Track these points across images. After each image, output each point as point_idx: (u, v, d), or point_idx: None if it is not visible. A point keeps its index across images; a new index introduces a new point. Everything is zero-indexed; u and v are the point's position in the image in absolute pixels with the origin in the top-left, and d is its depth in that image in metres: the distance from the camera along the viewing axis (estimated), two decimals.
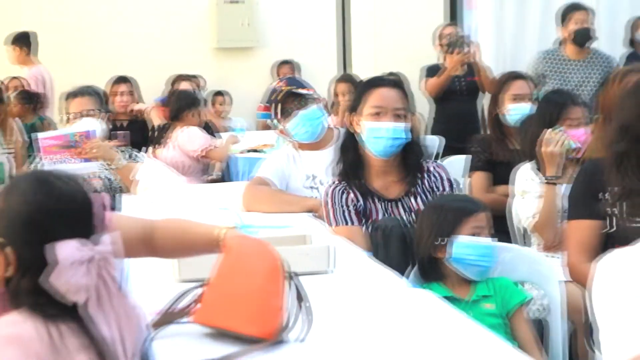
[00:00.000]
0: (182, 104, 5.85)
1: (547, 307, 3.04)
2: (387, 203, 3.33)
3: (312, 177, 3.83)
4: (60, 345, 1.42)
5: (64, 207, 1.48)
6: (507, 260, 2.99)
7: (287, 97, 3.86)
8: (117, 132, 5.39)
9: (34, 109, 7.28)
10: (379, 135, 3.29)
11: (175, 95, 6.27)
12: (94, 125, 4.23)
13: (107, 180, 4.29)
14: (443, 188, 3.37)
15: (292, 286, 1.94)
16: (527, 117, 4.39)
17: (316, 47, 9.32)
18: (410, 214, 3.30)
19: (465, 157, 4.80)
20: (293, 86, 3.90)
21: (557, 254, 3.63)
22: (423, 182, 3.36)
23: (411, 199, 3.34)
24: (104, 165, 4.19)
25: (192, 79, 7.90)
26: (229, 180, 6.04)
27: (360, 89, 3.48)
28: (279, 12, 9.37)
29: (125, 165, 4.13)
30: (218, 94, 8.81)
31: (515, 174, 3.85)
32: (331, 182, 3.40)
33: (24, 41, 8.29)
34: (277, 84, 4.01)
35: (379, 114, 3.30)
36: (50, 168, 3.92)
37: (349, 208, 3.29)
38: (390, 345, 1.94)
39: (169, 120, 5.94)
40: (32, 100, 7.32)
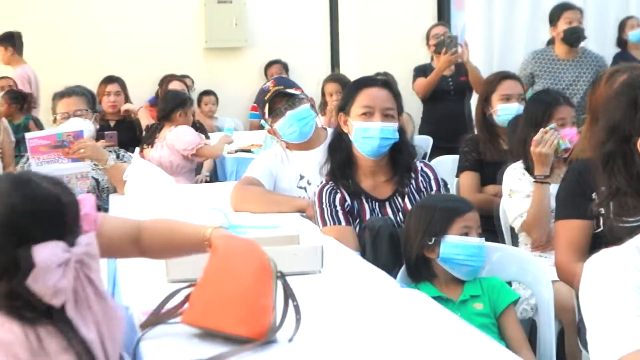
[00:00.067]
0: (171, 104, 5.83)
1: (536, 307, 3.04)
2: (376, 203, 3.33)
3: (302, 177, 3.82)
4: (39, 349, 1.40)
5: (38, 208, 1.46)
6: (496, 260, 3.00)
7: (276, 97, 3.84)
8: (107, 132, 5.37)
9: (21, 108, 7.23)
10: (368, 135, 3.29)
11: (164, 96, 6.25)
12: (83, 125, 4.21)
13: (95, 181, 4.28)
14: (432, 188, 3.38)
15: (281, 286, 1.94)
16: (516, 117, 4.39)
17: (305, 47, 9.32)
18: (399, 214, 3.31)
19: (455, 157, 4.81)
20: (282, 86, 3.88)
21: (545, 253, 3.64)
22: (412, 182, 3.36)
23: (400, 199, 3.34)
24: (93, 165, 4.18)
25: (184, 79, 7.88)
26: (218, 181, 6.04)
27: (349, 89, 3.48)
28: (268, 12, 9.36)
29: (114, 166, 4.11)
30: (205, 93, 8.79)
31: (504, 174, 3.86)
32: (322, 182, 3.40)
33: (10, 41, 8.25)
34: (270, 83, 3.99)
35: (368, 114, 3.31)
36: (33, 169, 3.91)
37: (340, 208, 3.29)
38: (379, 345, 1.94)
39: (158, 121, 5.92)
40: (21, 100, 7.27)
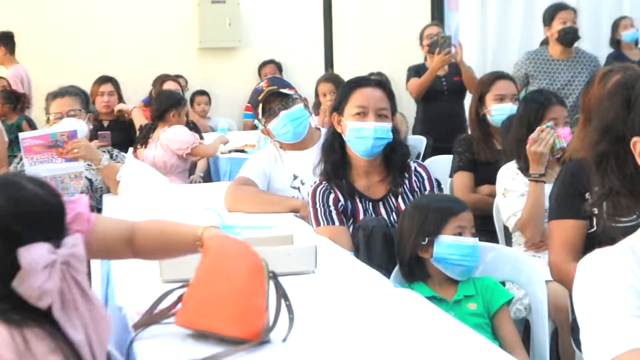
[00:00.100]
0: (165, 104, 5.82)
1: (529, 307, 3.05)
2: (372, 203, 3.33)
3: (295, 177, 3.82)
4: (25, 351, 1.39)
5: (22, 210, 1.45)
6: (490, 260, 3.00)
7: (272, 97, 3.84)
8: (101, 133, 5.36)
9: (15, 108, 7.21)
10: (362, 135, 3.29)
11: (158, 96, 6.24)
12: (77, 125, 4.21)
13: (89, 181, 4.28)
14: (426, 188, 3.37)
15: (274, 286, 1.93)
16: (510, 117, 4.39)
17: (300, 47, 9.31)
18: (393, 213, 3.31)
19: (449, 157, 4.81)
20: (276, 86, 3.88)
21: (539, 253, 3.64)
22: (406, 182, 3.37)
23: (396, 199, 3.34)
24: (87, 165, 4.18)
25: (178, 79, 7.87)
26: (213, 181, 6.03)
27: (343, 89, 3.48)
28: (262, 12, 9.36)
29: (107, 166, 4.10)
30: (199, 93, 8.79)
31: (499, 174, 3.86)
32: (316, 182, 3.40)
33: (3, 41, 8.22)
34: (264, 83, 3.98)
35: (363, 114, 3.30)
36: (27, 169, 3.91)
37: (334, 208, 3.29)
38: (373, 345, 1.94)
39: (153, 121, 5.92)
40: (14, 100, 7.24)
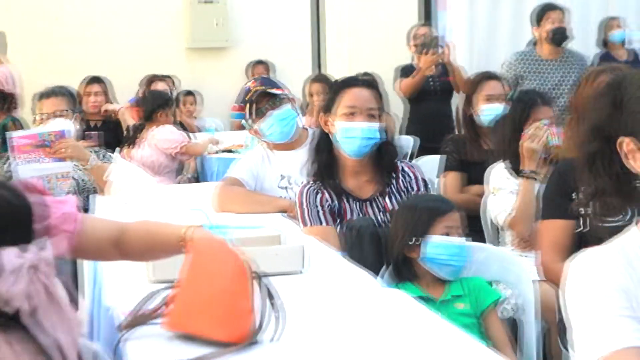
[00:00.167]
0: (154, 104, 5.81)
1: (518, 307, 3.05)
2: (360, 203, 3.33)
3: (283, 177, 3.82)
4: None
5: None
6: (480, 260, 3.00)
7: (260, 97, 3.84)
8: (89, 133, 5.35)
9: (2, 108, 7.18)
10: (352, 135, 3.28)
11: (147, 96, 6.23)
12: (66, 125, 4.19)
13: (79, 181, 4.26)
14: (414, 188, 3.37)
15: (262, 286, 1.92)
16: (499, 117, 4.40)
17: (290, 47, 9.30)
18: (383, 213, 3.30)
19: (439, 157, 4.81)
20: (266, 86, 3.88)
21: (526, 253, 3.65)
22: (396, 182, 3.36)
23: (384, 199, 3.33)
24: (77, 165, 4.16)
25: (166, 79, 7.86)
26: (202, 181, 6.02)
27: (333, 89, 3.48)
28: (252, 12, 9.34)
29: (97, 166, 4.09)
30: (188, 93, 8.77)
31: (489, 174, 3.86)
32: (304, 182, 3.39)
33: None
34: (251, 83, 3.99)
35: (352, 114, 3.30)
36: (14, 169, 3.90)
37: (322, 208, 3.28)
38: (361, 345, 1.94)
39: (142, 121, 5.90)
40: (4, 100, 7.22)
